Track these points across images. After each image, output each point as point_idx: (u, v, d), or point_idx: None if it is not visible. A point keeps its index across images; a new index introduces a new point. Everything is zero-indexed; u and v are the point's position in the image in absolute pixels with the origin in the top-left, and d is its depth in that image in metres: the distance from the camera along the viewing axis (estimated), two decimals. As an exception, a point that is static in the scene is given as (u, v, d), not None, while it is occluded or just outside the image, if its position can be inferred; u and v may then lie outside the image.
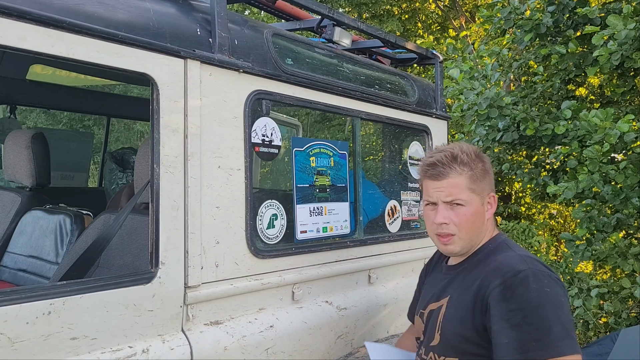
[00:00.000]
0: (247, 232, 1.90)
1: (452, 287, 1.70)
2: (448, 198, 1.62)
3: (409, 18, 11.50)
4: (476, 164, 1.65)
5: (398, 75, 2.89)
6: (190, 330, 1.72)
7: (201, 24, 1.82)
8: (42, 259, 2.64)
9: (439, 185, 1.63)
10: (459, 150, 1.65)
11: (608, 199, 4.16)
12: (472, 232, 1.65)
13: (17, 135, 2.91)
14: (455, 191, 1.62)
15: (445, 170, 1.62)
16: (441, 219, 1.63)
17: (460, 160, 1.63)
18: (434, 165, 1.64)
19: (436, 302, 1.73)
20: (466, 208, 1.62)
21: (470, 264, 1.69)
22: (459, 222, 1.62)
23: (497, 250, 1.66)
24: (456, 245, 1.65)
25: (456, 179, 1.62)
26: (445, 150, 1.67)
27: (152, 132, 1.63)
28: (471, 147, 1.69)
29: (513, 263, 1.56)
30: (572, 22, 4.72)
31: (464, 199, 1.62)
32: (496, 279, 1.53)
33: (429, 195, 1.67)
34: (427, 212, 1.70)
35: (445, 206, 1.63)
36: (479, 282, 1.58)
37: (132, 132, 7.49)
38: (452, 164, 1.62)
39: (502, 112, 4.82)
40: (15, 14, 1.33)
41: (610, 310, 4.54)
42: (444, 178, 1.62)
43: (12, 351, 1.33)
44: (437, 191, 1.64)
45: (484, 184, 1.66)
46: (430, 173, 1.65)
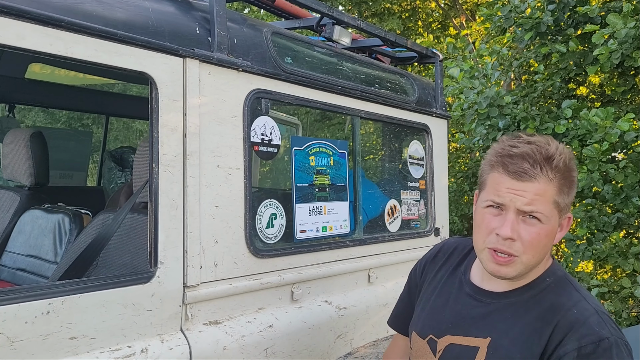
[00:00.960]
0: (246, 232, 1.89)
1: (493, 326, 1.32)
2: (527, 207, 1.22)
3: (409, 16, 11.49)
4: (569, 173, 1.26)
5: (398, 74, 2.88)
6: (189, 330, 1.72)
7: (200, 23, 1.82)
8: (41, 258, 2.64)
9: (520, 187, 1.23)
10: (555, 149, 1.25)
11: (608, 198, 4.16)
12: (538, 257, 1.27)
13: (15, 134, 2.90)
14: (538, 201, 1.22)
15: (534, 170, 1.22)
16: (509, 232, 1.22)
17: (555, 163, 1.23)
18: (520, 158, 1.23)
19: (464, 336, 1.35)
20: (543, 226, 1.23)
21: (522, 299, 1.32)
22: (528, 242, 1.23)
23: (559, 288, 1.32)
24: (514, 269, 1.26)
25: (545, 185, 1.22)
26: (537, 142, 1.25)
27: (151, 131, 1.63)
28: (565, 148, 1.29)
29: (592, 322, 1.23)
30: (573, 20, 4.72)
31: (545, 213, 1.23)
32: (570, 339, 1.21)
33: (498, 194, 1.25)
34: (485, 215, 1.29)
35: (517, 216, 1.23)
36: (542, 334, 1.25)
37: (131, 131, 7.49)
38: (544, 165, 1.23)
39: (503, 111, 4.82)
40: (13, 13, 1.33)
41: (610, 310, 4.55)
42: (529, 180, 1.22)
43: (11, 350, 1.32)
44: (513, 193, 1.23)
45: (569, 200, 1.29)
46: (513, 168, 1.23)
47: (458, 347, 1.35)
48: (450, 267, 1.50)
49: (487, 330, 1.32)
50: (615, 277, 5.12)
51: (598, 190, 4.23)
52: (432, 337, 1.41)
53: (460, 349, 1.34)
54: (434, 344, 1.40)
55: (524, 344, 1.26)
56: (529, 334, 1.26)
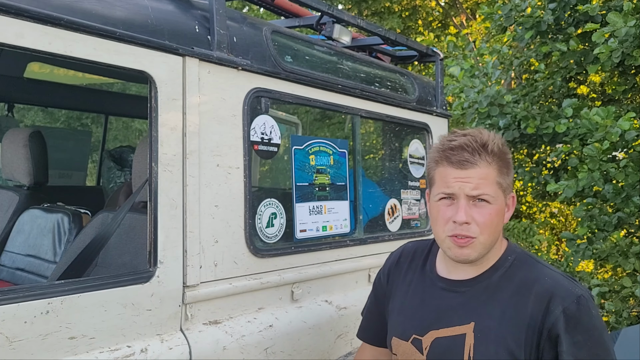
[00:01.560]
0: (246, 231, 1.89)
1: (473, 311, 1.38)
2: (474, 191, 1.32)
3: (410, 15, 11.48)
4: (504, 155, 1.38)
5: (398, 73, 2.88)
6: (189, 329, 1.71)
7: (200, 21, 1.81)
8: (40, 258, 2.63)
9: (465, 175, 1.33)
10: (488, 136, 1.36)
11: (609, 197, 4.16)
12: (494, 236, 1.37)
13: (14, 134, 2.90)
14: (483, 184, 1.32)
15: (474, 157, 1.32)
16: (464, 216, 1.32)
17: (490, 148, 1.34)
18: (459, 149, 1.34)
19: (447, 327, 1.40)
20: (492, 206, 1.34)
21: (493, 280, 1.40)
22: (482, 222, 1.33)
23: (523, 263, 1.42)
24: (475, 250, 1.35)
25: (486, 169, 1.33)
26: (471, 134, 1.37)
27: (150, 130, 1.62)
28: (496, 134, 1.41)
29: (565, 284, 1.34)
30: (573, 19, 4.71)
31: (492, 194, 1.33)
32: (554, 305, 1.30)
33: (447, 185, 1.35)
34: (440, 207, 1.37)
35: (468, 202, 1.33)
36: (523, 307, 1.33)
37: (130, 130, 7.48)
38: (482, 151, 1.33)
39: (503, 110, 4.81)
40: (12, 11, 1.32)
41: (611, 309, 4.54)
42: (471, 167, 1.32)
43: (10, 350, 1.32)
44: (460, 181, 1.33)
45: (509, 180, 1.39)
46: (455, 159, 1.33)
47: (444, 339, 1.39)
48: (416, 269, 1.56)
49: (468, 316, 1.38)
50: (616, 276, 5.11)
51: (599, 190, 4.22)
52: (415, 337, 1.44)
53: (447, 340, 1.39)
54: (418, 342, 1.44)
55: (508, 321, 1.33)
56: (509, 310, 1.34)
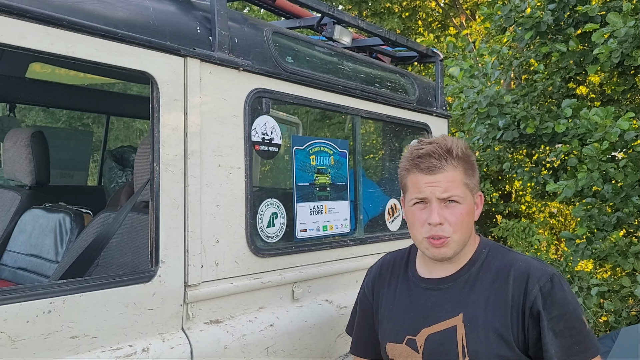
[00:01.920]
0: (247, 231, 1.90)
1: (459, 303, 1.48)
2: (444, 194, 1.44)
3: (409, 16, 11.48)
4: (468, 158, 1.50)
5: (398, 74, 2.88)
6: (191, 329, 1.72)
7: (201, 22, 1.82)
8: (42, 257, 2.64)
9: (434, 179, 1.44)
10: (452, 142, 1.48)
11: (608, 197, 4.16)
12: (466, 234, 1.48)
13: (16, 134, 2.91)
14: (451, 186, 1.44)
15: (440, 162, 1.45)
16: (437, 218, 1.43)
17: (455, 153, 1.46)
18: (427, 156, 1.46)
19: (438, 323, 1.49)
20: (462, 206, 1.46)
21: (471, 273, 1.51)
22: (455, 222, 1.45)
23: (496, 253, 1.54)
24: (450, 248, 1.46)
25: (452, 172, 1.45)
26: (435, 142, 1.49)
27: (152, 130, 1.63)
28: (459, 140, 1.53)
29: (538, 266, 1.46)
30: (573, 20, 4.71)
31: (460, 195, 1.45)
32: (532, 285, 1.41)
33: (419, 190, 1.46)
34: (415, 212, 1.49)
35: (440, 204, 1.45)
36: (504, 291, 1.44)
37: (132, 130, 7.48)
38: (447, 156, 1.45)
39: (503, 110, 4.81)
40: (14, 12, 1.33)
41: (610, 309, 4.55)
42: (439, 171, 1.44)
43: (13, 350, 1.33)
44: (430, 186, 1.45)
45: (475, 180, 1.52)
46: (424, 165, 1.46)
47: (437, 334, 1.48)
48: (398, 276, 1.65)
49: (455, 308, 1.48)
50: (615, 276, 5.11)
51: (598, 190, 4.22)
52: (409, 338, 1.53)
53: (440, 335, 1.48)
54: (413, 342, 1.52)
55: (492, 306, 1.44)
56: (492, 296, 1.45)
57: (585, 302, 4.67)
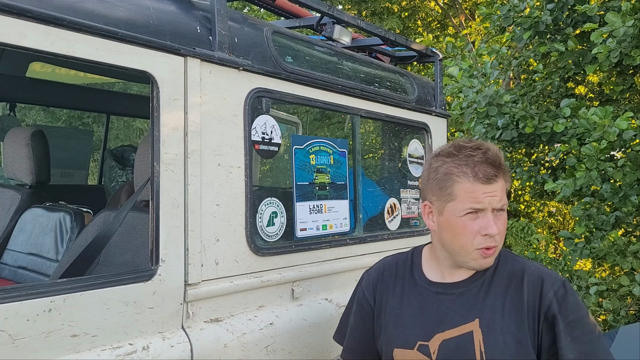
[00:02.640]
0: (247, 230, 1.90)
1: (475, 308, 1.43)
2: (499, 204, 1.38)
3: (409, 16, 11.49)
4: (506, 167, 1.46)
5: (398, 73, 2.89)
6: (191, 327, 1.72)
7: (201, 22, 1.82)
8: (42, 256, 2.64)
9: (492, 189, 1.37)
10: (494, 148, 1.43)
11: (607, 196, 4.17)
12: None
13: (16, 133, 2.91)
14: (503, 195, 1.40)
15: (497, 172, 1.38)
16: (495, 229, 1.37)
17: (502, 163, 1.42)
18: (486, 164, 1.38)
19: (453, 328, 1.43)
20: (505, 214, 1.43)
21: (485, 278, 1.47)
22: (503, 231, 1.41)
23: (507, 259, 1.50)
24: (495, 256, 1.44)
25: (502, 181, 1.41)
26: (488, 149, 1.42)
27: (152, 129, 1.64)
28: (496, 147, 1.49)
29: (548, 272, 1.46)
30: (571, 19, 4.72)
31: (507, 203, 1.43)
32: (547, 289, 1.40)
33: (477, 201, 1.37)
34: (466, 222, 1.39)
35: (493, 214, 1.39)
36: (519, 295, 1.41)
37: (132, 129, 7.49)
38: (500, 166, 1.40)
39: (501, 110, 4.82)
40: (15, 12, 1.33)
41: (608, 308, 4.56)
42: (495, 181, 1.38)
43: (13, 348, 1.33)
44: (489, 196, 1.37)
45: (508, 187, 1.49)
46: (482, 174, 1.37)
47: (452, 340, 1.42)
48: (404, 279, 1.59)
49: (471, 314, 1.43)
50: (614, 275, 5.12)
51: (596, 189, 4.23)
52: (421, 344, 1.46)
53: (455, 340, 1.41)
54: (425, 348, 1.45)
55: (509, 311, 1.40)
56: (508, 300, 1.42)
57: (583, 301, 4.67)
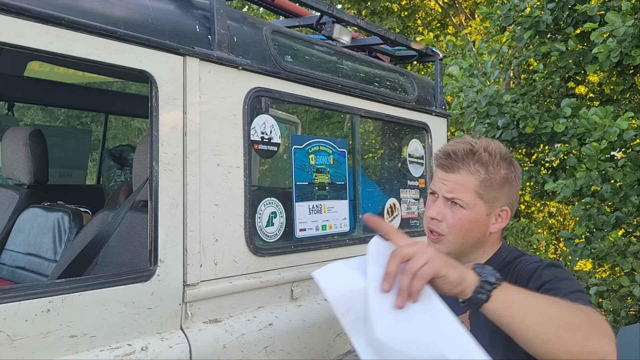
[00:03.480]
0: (246, 230, 1.89)
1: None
2: (449, 194, 1.44)
3: (409, 15, 11.49)
4: (496, 169, 1.45)
5: (397, 73, 2.88)
6: (189, 328, 1.72)
7: (200, 21, 1.82)
8: (41, 256, 2.64)
9: (446, 177, 1.46)
10: (482, 146, 1.45)
11: (607, 197, 4.16)
12: (465, 240, 1.46)
13: (14, 133, 2.90)
14: (459, 189, 1.43)
15: (457, 163, 1.44)
16: (434, 213, 1.46)
17: (478, 158, 1.44)
18: (448, 155, 1.46)
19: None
20: (465, 212, 1.44)
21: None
22: (452, 224, 1.44)
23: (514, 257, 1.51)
24: (444, 247, 1.46)
25: (466, 177, 1.43)
26: (468, 142, 1.47)
27: (151, 129, 1.63)
28: (501, 148, 1.48)
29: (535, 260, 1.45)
30: (572, 19, 4.72)
31: (465, 201, 1.43)
32: (522, 279, 1.40)
33: (433, 183, 1.50)
34: (428, 201, 1.53)
35: (445, 202, 1.45)
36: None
37: (130, 129, 7.48)
38: (466, 159, 1.44)
39: (502, 109, 4.82)
40: (13, 11, 1.32)
41: (609, 309, 4.55)
42: (452, 172, 1.45)
43: (11, 349, 1.32)
44: (441, 182, 1.47)
45: (498, 194, 1.46)
46: (442, 162, 1.47)
47: None
48: None
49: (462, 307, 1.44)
50: (614, 275, 5.11)
51: (597, 189, 4.23)
52: None
53: None
54: None
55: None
56: None
57: (583, 302, 4.66)
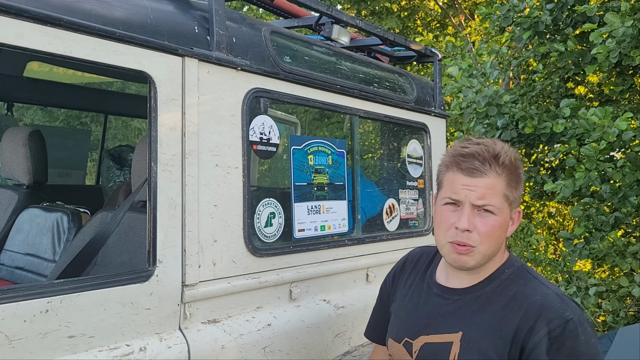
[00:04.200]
0: (244, 231, 1.90)
1: (463, 321, 1.39)
2: (480, 201, 1.33)
3: (408, 15, 11.48)
4: (515, 169, 1.38)
5: (397, 73, 2.88)
6: (188, 328, 1.72)
7: (199, 22, 1.82)
8: (39, 256, 2.64)
9: (473, 183, 1.33)
10: (501, 148, 1.37)
11: (606, 197, 4.16)
12: (494, 248, 1.37)
13: (14, 133, 2.90)
14: (489, 194, 1.33)
15: (484, 166, 1.33)
16: (467, 224, 1.32)
17: (502, 160, 1.35)
18: (471, 157, 1.35)
19: (437, 334, 1.42)
20: (495, 218, 1.34)
21: (485, 292, 1.41)
22: (484, 233, 1.33)
23: (518, 277, 1.41)
24: (473, 259, 1.36)
25: (494, 180, 1.34)
26: (485, 143, 1.38)
27: (150, 130, 1.63)
28: (510, 147, 1.41)
29: (556, 306, 1.32)
30: (571, 19, 4.72)
31: (497, 206, 1.34)
32: (540, 325, 1.29)
33: (454, 191, 1.36)
34: (444, 212, 1.38)
35: (472, 210, 1.34)
36: (509, 322, 1.33)
37: (130, 129, 7.48)
38: (492, 162, 1.34)
39: (501, 110, 4.82)
40: (12, 12, 1.32)
41: (608, 309, 4.55)
42: (480, 176, 1.33)
43: (10, 349, 1.33)
44: (467, 189, 1.34)
45: (517, 194, 1.40)
46: (465, 166, 1.34)
47: (433, 345, 1.42)
48: (418, 273, 1.60)
49: (457, 325, 1.39)
50: (613, 276, 5.11)
51: (596, 189, 4.23)
52: (407, 340, 1.48)
53: (435, 346, 1.41)
54: (409, 346, 1.47)
55: (493, 334, 1.34)
56: (496, 324, 1.35)
57: (583, 302, 4.67)
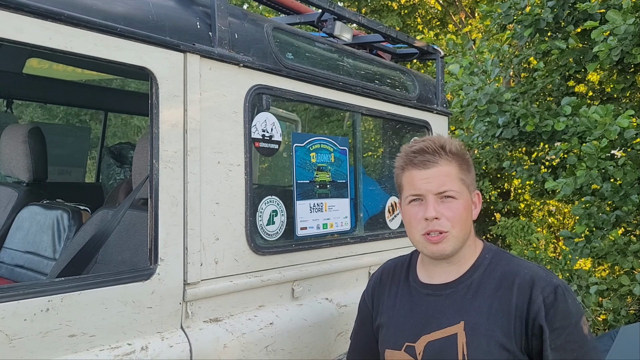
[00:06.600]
0: (246, 229, 1.88)
1: (461, 310, 1.43)
2: (440, 189, 1.42)
3: (409, 13, 11.46)
4: (463, 155, 1.49)
5: (399, 71, 2.87)
6: (190, 327, 1.71)
7: (201, 18, 1.80)
8: (40, 254, 2.62)
9: (429, 174, 1.43)
10: (445, 139, 1.49)
11: (607, 195, 4.15)
12: (465, 230, 1.45)
13: (13, 130, 2.89)
14: (447, 181, 1.43)
15: (434, 157, 1.43)
16: (434, 212, 1.40)
17: (449, 148, 1.45)
18: (421, 151, 1.45)
19: (438, 330, 1.44)
20: (458, 202, 1.43)
21: (475, 279, 1.47)
22: (452, 217, 1.41)
23: (500, 259, 1.49)
24: (449, 243, 1.42)
25: (447, 167, 1.44)
26: (429, 138, 1.50)
27: (151, 126, 1.62)
28: (452, 138, 1.53)
29: (543, 275, 1.42)
30: (572, 17, 4.70)
31: (456, 190, 1.43)
32: (536, 294, 1.37)
33: (415, 187, 1.45)
34: (410, 210, 1.47)
35: (436, 199, 1.42)
36: (508, 299, 1.39)
37: (130, 127, 7.46)
38: (441, 151, 1.44)
39: (502, 108, 4.80)
40: (12, 6, 1.31)
41: (609, 308, 4.54)
42: (434, 166, 1.43)
43: (10, 348, 1.31)
44: (425, 182, 1.43)
45: (471, 177, 1.50)
46: (418, 160, 1.44)
47: (437, 341, 1.44)
48: (399, 281, 1.62)
49: (457, 316, 1.43)
50: (614, 274, 5.10)
51: (597, 188, 4.22)
52: (408, 345, 1.49)
53: (439, 342, 1.43)
54: (412, 349, 1.48)
55: (495, 314, 1.39)
56: (495, 304, 1.41)
57: (584, 301, 4.67)
